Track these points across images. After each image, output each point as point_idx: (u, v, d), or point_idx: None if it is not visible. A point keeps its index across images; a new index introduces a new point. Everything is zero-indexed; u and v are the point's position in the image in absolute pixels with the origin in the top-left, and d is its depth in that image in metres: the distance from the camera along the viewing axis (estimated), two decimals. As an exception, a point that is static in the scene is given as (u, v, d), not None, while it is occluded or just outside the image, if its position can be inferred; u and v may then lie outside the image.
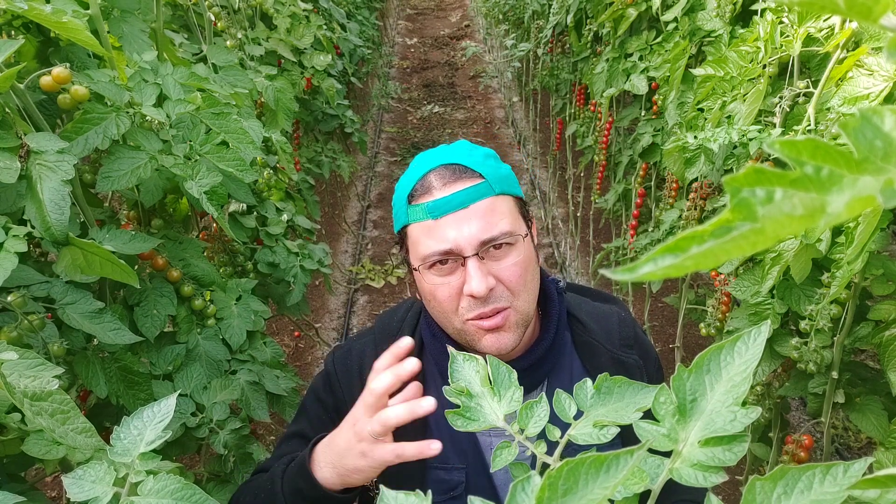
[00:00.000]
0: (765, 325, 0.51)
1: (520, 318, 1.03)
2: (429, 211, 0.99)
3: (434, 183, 1.00)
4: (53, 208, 0.94)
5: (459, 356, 0.67)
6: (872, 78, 1.14)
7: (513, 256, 1.00)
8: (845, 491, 0.40)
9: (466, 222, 0.97)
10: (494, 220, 0.99)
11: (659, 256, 0.26)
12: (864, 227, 1.10)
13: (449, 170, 1.01)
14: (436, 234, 0.98)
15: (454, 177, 1.00)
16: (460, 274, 0.99)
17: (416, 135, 7.11)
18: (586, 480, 0.37)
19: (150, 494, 0.65)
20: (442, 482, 1.10)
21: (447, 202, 0.98)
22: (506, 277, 1.00)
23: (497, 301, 1.00)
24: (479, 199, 0.99)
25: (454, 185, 0.99)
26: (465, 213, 0.98)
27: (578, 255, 4.46)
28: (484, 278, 0.97)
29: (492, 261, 0.99)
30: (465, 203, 0.98)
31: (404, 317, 1.20)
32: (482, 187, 0.99)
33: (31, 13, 0.94)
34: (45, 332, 1.00)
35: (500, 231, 0.98)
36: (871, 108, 0.26)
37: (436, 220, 0.98)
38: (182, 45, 1.68)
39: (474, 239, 0.97)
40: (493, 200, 1.00)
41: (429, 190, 1.00)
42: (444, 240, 0.98)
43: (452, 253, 0.98)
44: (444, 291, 1.01)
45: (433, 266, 1.00)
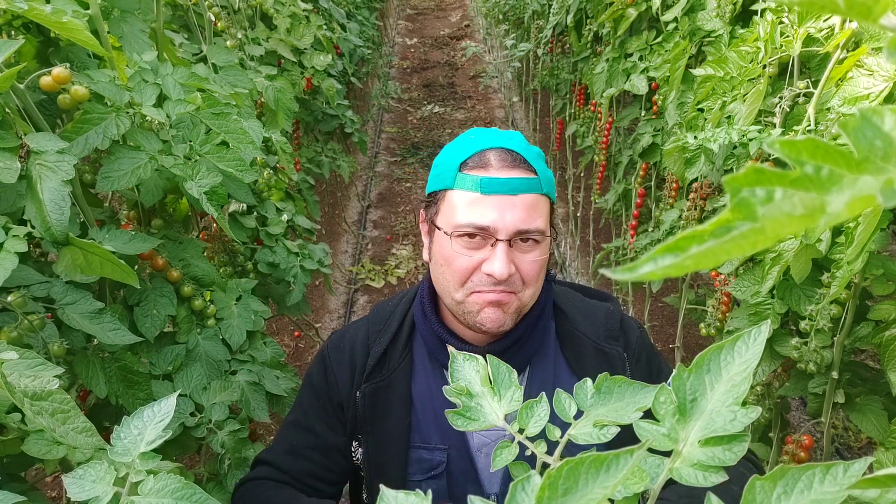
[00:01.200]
0: (765, 325, 0.51)
1: (520, 307, 1.08)
2: (482, 185, 1.02)
3: (492, 161, 1.04)
4: (53, 208, 0.94)
5: (459, 356, 0.67)
6: (872, 78, 1.14)
7: (536, 253, 1.05)
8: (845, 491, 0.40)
9: (511, 209, 1.01)
10: (534, 215, 1.03)
11: (659, 256, 0.26)
12: (864, 227, 1.10)
13: (510, 155, 1.05)
14: (479, 208, 1.02)
15: (513, 164, 1.04)
16: (485, 252, 1.03)
17: (416, 135, 7.10)
18: (586, 480, 0.37)
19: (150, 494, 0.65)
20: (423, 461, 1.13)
21: (501, 184, 1.02)
22: (524, 270, 1.04)
23: (509, 286, 1.04)
24: (528, 191, 1.03)
25: (511, 170, 1.03)
26: (512, 200, 1.02)
27: (578, 255, 4.45)
28: (508, 264, 1.02)
29: (517, 251, 1.04)
30: (515, 191, 1.02)
31: (398, 303, 1.23)
32: (534, 182, 1.04)
33: (31, 13, 0.94)
34: (45, 332, 1.00)
35: (535, 227, 1.03)
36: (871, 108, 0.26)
37: (484, 195, 1.02)
38: (182, 45, 1.67)
39: (513, 226, 1.01)
40: (538, 198, 1.04)
41: (485, 166, 1.03)
42: (486, 217, 1.01)
43: (488, 231, 1.02)
44: (463, 262, 1.04)
45: (462, 236, 1.04)
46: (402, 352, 1.17)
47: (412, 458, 1.14)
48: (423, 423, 1.14)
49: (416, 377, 1.17)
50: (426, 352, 1.17)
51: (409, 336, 1.18)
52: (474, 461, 1.13)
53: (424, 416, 1.15)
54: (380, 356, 1.17)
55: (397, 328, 1.19)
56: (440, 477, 1.12)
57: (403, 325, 1.19)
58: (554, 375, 1.14)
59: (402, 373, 1.16)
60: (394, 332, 1.18)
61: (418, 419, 1.15)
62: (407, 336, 1.18)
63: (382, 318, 1.22)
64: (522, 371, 1.15)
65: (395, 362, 1.17)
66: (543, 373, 1.14)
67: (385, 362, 1.17)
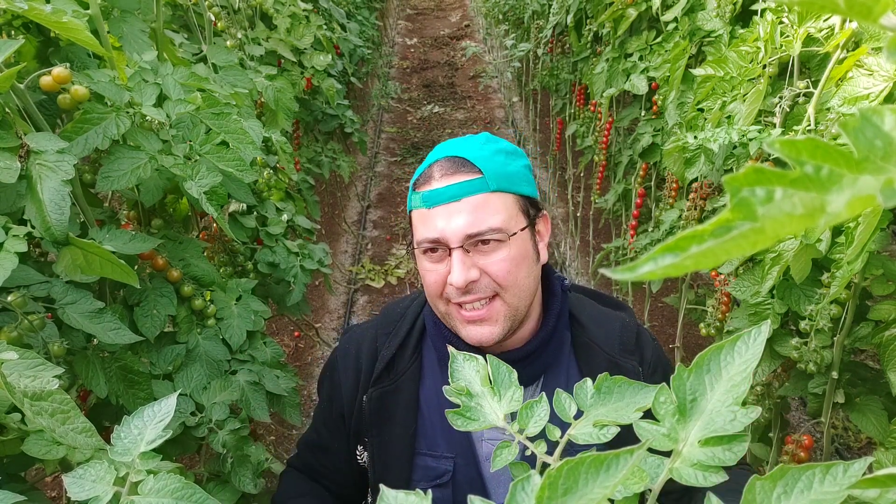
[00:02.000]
0: (765, 325, 0.51)
1: (509, 312, 1.05)
2: (424, 199, 1.03)
3: (434, 174, 1.04)
4: (53, 208, 0.94)
5: (459, 356, 0.67)
6: (872, 78, 1.14)
7: (501, 252, 1.02)
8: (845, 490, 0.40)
9: (456, 215, 1.01)
10: (484, 215, 1.01)
11: (659, 256, 0.26)
12: (864, 227, 1.10)
13: (451, 162, 1.04)
14: (428, 222, 1.03)
15: (453, 169, 1.03)
16: (447, 263, 1.03)
17: (415, 135, 7.10)
18: (586, 480, 0.37)
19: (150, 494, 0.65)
20: (429, 469, 1.12)
21: (440, 194, 1.02)
22: (493, 272, 1.02)
23: (481, 292, 1.03)
24: (471, 193, 1.01)
25: (451, 177, 1.02)
26: (455, 206, 1.01)
27: (578, 255, 4.45)
28: (465, 271, 1.00)
29: (479, 254, 1.02)
30: (456, 196, 1.01)
31: (409, 305, 1.22)
32: (477, 183, 1.02)
33: (31, 13, 0.94)
34: (45, 332, 1.00)
35: (488, 227, 1.00)
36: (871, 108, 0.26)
37: (429, 209, 1.02)
38: (182, 45, 1.67)
39: (460, 232, 1.00)
40: (487, 197, 1.02)
41: (429, 180, 1.04)
42: (434, 229, 1.02)
43: (440, 242, 1.02)
44: (432, 277, 1.05)
45: (426, 252, 1.05)
46: (411, 356, 1.16)
47: (417, 464, 1.12)
48: (430, 430, 1.13)
49: (424, 382, 1.15)
50: (436, 357, 1.16)
51: (418, 341, 1.17)
52: (481, 471, 1.11)
53: (432, 422, 1.13)
54: (388, 360, 1.16)
55: (407, 332, 1.17)
56: (446, 486, 1.10)
57: (413, 330, 1.18)
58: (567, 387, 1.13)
59: (411, 378, 1.15)
60: (403, 337, 1.17)
61: (425, 425, 1.13)
62: (416, 341, 1.17)
63: (392, 320, 1.21)
64: (536, 381, 1.13)
65: (403, 367, 1.16)
66: (556, 383, 1.12)
67: (393, 367, 1.16)
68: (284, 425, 3.11)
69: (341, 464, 1.23)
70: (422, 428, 1.13)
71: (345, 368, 1.21)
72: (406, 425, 1.13)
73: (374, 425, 1.15)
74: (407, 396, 1.14)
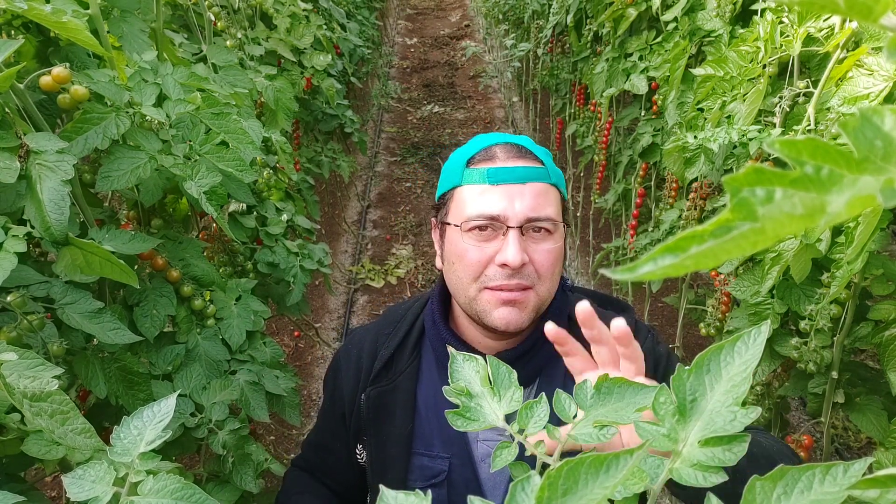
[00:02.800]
0: (765, 325, 0.51)
1: (537, 302, 1.05)
2: (489, 175, 1.02)
3: (498, 154, 1.05)
4: (53, 208, 0.94)
5: (459, 356, 0.67)
6: (872, 78, 1.14)
7: (549, 243, 1.04)
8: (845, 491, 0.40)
9: (520, 196, 1.01)
10: (545, 203, 1.03)
11: (659, 256, 0.25)
12: (863, 227, 1.10)
13: (514, 147, 1.06)
14: (489, 198, 1.02)
15: (519, 154, 1.05)
16: (497, 243, 1.02)
17: (415, 135, 7.10)
18: (586, 480, 0.37)
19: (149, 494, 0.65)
20: (424, 469, 1.12)
21: (509, 172, 1.02)
22: (538, 260, 1.03)
23: (524, 278, 1.03)
24: (537, 180, 1.03)
25: (518, 160, 1.04)
26: (521, 188, 1.02)
27: (578, 255, 4.45)
28: (520, 252, 1.00)
29: (530, 240, 1.03)
30: (523, 179, 1.02)
31: (410, 306, 1.23)
32: (542, 171, 1.04)
33: (31, 13, 0.94)
34: (44, 332, 1.00)
35: (546, 214, 1.02)
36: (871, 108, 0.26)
37: (493, 185, 1.02)
38: (182, 45, 1.67)
39: (523, 214, 1.01)
40: (547, 187, 1.04)
41: (492, 158, 1.05)
42: (496, 206, 1.01)
43: (498, 220, 1.01)
44: (475, 255, 1.03)
45: (473, 229, 1.03)
46: (409, 357, 1.16)
47: (414, 464, 1.13)
48: (427, 430, 1.13)
49: (421, 383, 1.16)
50: (434, 358, 1.16)
51: (417, 341, 1.17)
52: (477, 471, 1.11)
53: (428, 422, 1.14)
54: (387, 360, 1.16)
55: (406, 332, 1.18)
56: (441, 486, 1.11)
57: (412, 330, 1.18)
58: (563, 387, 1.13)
59: (408, 378, 1.15)
60: (402, 337, 1.17)
61: (422, 425, 1.14)
62: (415, 341, 1.17)
63: (393, 321, 1.21)
64: (532, 383, 1.12)
65: (401, 367, 1.16)
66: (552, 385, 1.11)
67: (392, 366, 1.17)
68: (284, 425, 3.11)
69: (343, 463, 1.24)
70: (418, 428, 1.14)
71: (346, 368, 1.21)
72: (403, 425, 1.13)
73: (372, 425, 1.16)
74: (404, 396, 1.14)
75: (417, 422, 1.14)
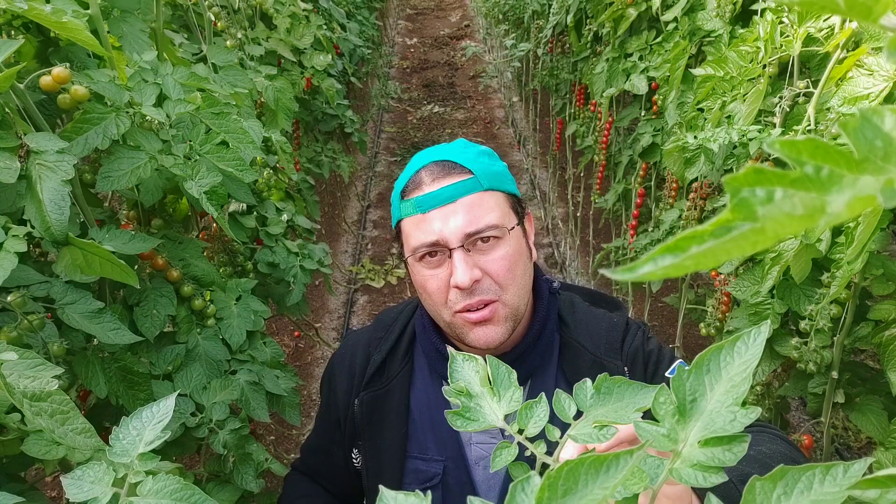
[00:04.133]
0: (765, 325, 0.51)
1: (509, 312, 1.05)
2: (417, 205, 1.03)
3: (424, 179, 1.04)
4: (53, 208, 0.94)
5: (459, 356, 0.67)
6: (872, 78, 1.14)
7: (500, 250, 1.03)
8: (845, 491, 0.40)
9: (453, 215, 1.01)
10: (481, 213, 1.01)
11: (659, 256, 0.25)
12: (864, 227, 1.10)
13: (439, 166, 1.05)
14: (424, 227, 1.02)
15: (443, 172, 1.04)
16: (448, 266, 1.02)
17: (416, 135, 7.10)
18: (586, 481, 0.37)
19: (149, 495, 0.65)
20: (419, 472, 1.12)
21: (435, 196, 1.02)
22: (493, 270, 1.02)
23: (484, 293, 1.02)
24: (466, 193, 1.02)
25: (442, 180, 1.03)
26: (451, 207, 1.01)
27: (578, 255, 4.45)
28: (469, 270, 1.00)
29: (479, 254, 1.02)
30: (452, 197, 1.01)
31: (402, 310, 1.23)
32: (469, 183, 1.02)
33: (31, 13, 0.94)
34: (44, 332, 1.00)
35: (485, 224, 1.01)
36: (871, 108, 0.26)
37: (424, 213, 1.02)
38: (182, 45, 1.67)
39: (459, 231, 1.00)
40: (481, 195, 1.03)
41: (419, 185, 1.04)
42: (431, 232, 1.01)
43: (439, 245, 1.01)
44: (433, 283, 1.04)
45: (423, 258, 1.04)
46: (401, 361, 1.17)
47: (408, 467, 1.13)
48: (421, 433, 1.13)
49: (414, 387, 1.16)
50: (426, 362, 1.16)
51: (409, 345, 1.18)
52: (471, 474, 1.11)
53: (422, 426, 1.14)
54: (379, 364, 1.16)
55: (398, 337, 1.18)
56: (435, 489, 1.11)
57: (404, 335, 1.18)
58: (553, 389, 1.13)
59: (401, 382, 1.15)
60: (394, 341, 1.18)
61: (416, 429, 1.14)
62: (407, 345, 1.17)
63: (385, 325, 1.22)
64: (524, 384, 1.12)
65: (394, 371, 1.16)
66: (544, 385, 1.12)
67: (384, 370, 1.17)
68: (284, 425, 3.11)
69: (341, 468, 1.24)
70: (412, 432, 1.14)
71: (340, 373, 1.22)
72: (397, 429, 1.13)
73: (367, 429, 1.16)
74: (398, 400, 1.14)
75: (411, 425, 1.14)
